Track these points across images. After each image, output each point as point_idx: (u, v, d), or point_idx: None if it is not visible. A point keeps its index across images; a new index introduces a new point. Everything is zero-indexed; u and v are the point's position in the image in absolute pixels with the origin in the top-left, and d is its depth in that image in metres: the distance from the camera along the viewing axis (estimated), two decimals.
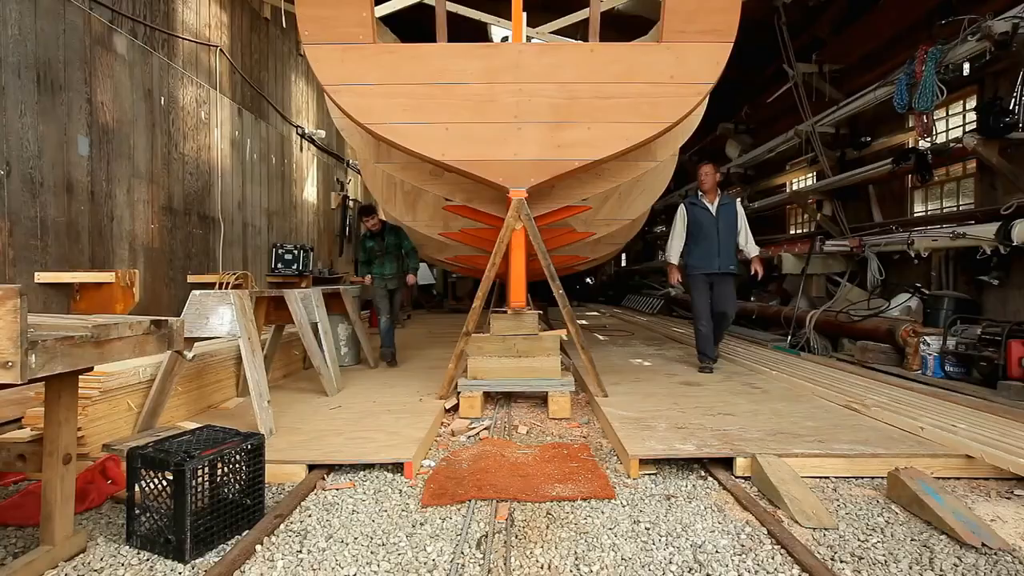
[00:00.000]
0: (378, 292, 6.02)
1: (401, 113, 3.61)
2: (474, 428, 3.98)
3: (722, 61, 3.55)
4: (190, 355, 2.39)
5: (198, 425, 3.27)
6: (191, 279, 5.73)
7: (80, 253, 4.35)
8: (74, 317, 2.17)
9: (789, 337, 7.09)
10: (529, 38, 5.71)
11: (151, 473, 2.18)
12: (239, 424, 3.75)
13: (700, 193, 5.23)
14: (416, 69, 3.57)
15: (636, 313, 14.28)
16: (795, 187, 9.65)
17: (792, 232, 9.83)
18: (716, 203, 5.17)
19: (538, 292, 8.21)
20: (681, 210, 5.29)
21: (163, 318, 2.24)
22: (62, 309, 4.15)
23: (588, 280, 22.00)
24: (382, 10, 4.20)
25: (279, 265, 7.58)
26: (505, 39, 5.05)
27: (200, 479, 2.17)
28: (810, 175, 9.00)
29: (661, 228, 17.45)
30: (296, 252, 7.63)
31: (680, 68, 3.55)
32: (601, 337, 8.77)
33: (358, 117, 3.67)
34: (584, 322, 11.37)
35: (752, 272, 5.28)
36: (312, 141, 9.10)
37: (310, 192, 9.27)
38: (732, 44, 3.53)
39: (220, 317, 3.53)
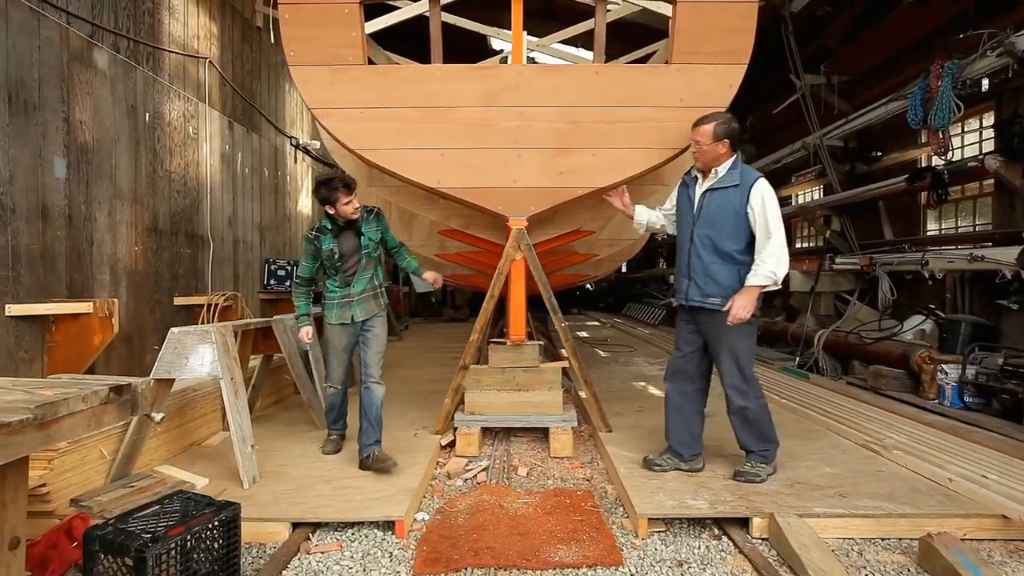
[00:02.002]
0: (337, 336, 3.57)
1: (393, 138, 3.40)
2: (471, 470, 3.76)
3: (735, 84, 3.35)
4: (158, 417, 2.18)
5: (169, 487, 3.06)
6: (178, 301, 5.52)
7: (56, 281, 4.13)
8: (19, 386, 1.94)
9: (797, 357, 6.88)
10: (531, 56, 5.51)
11: (110, 557, 1.96)
12: (222, 468, 3.53)
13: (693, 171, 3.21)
14: (409, 91, 3.35)
15: (637, 323, 14.07)
16: (801, 200, 9.44)
17: (798, 245, 9.62)
18: (708, 184, 3.07)
19: (536, 303, 7.98)
20: (677, 188, 3.34)
21: (126, 381, 2.02)
22: (36, 342, 3.93)
23: (588, 286, 21.78)
24: (373, 26, 3.98)
25: (272, 281, 7.37)
26: (505, 59, 4.81)
27: (165, 563, 1.95)
28: (817, 188, 8.79)
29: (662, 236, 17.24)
30: (289, 268, 7.41)
31: (690, 91, 3.34)
32: (602, 353, 8.56)
33: (347, 142, 3.45)
34: (584, 334, 11.17)
35: (726, 308, 2.98)
36: (307, 152, 8.89)
37: (305, 204, 9.05)
38: (746, 66, 3.32)
39: (200, 357, 3.31)
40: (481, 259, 4.77)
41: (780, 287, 3.19)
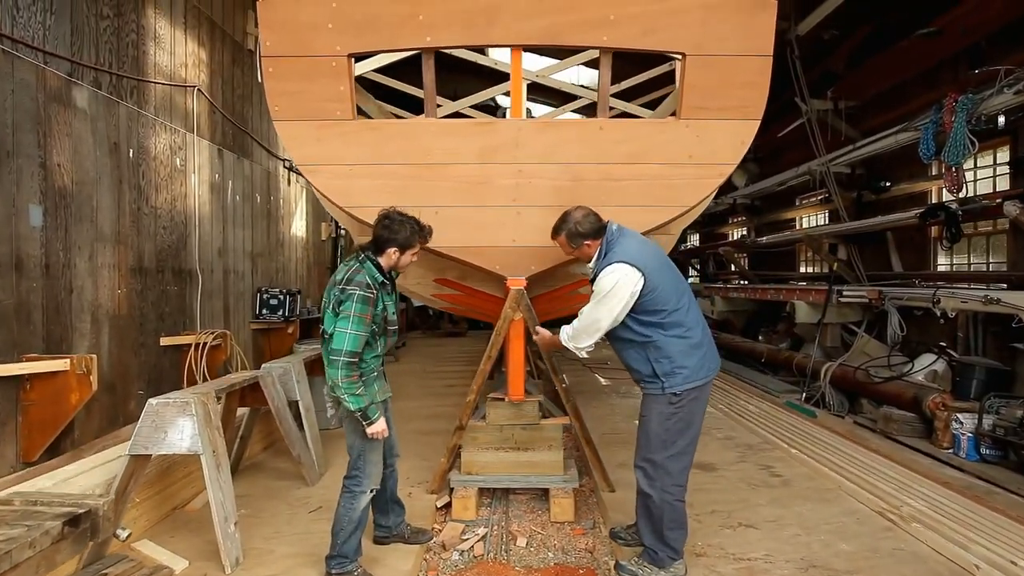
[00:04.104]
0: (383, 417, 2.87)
1: (385, 196, 3.19)
2: (467, 539, 3.56)
3: (747, 140, 3.17)
4: (124, 534, 1.99)
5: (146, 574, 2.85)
6: (164, 342, 5.31)
7: (32, 335, 3.92)
8: None
9: (803, 392, 6.70)
10: (533, 82, 5.31)
11: None
12: (204, 543, 3.31)
13: None
14: (401, 147, 3.16)
15: None
16: (806, 223, 9.26)
17: (803, 270, 9.44)
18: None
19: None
20: None
21: (84, 507, 1.83)
22: (9, 403, 3.73)
23: None
24: (363, 66, 3.79)
25: (264, 311, 7.17)
26: (503, 103, 4.60)
27: None
28: (822, 213, 8.62)
29: None
30: (282, 297, 7.21)
31: (700, 147, 3.15)
32: (602, 381, 8.36)
33: (336, 200, 3.27)
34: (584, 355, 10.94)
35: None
36: (300, 173, 8.67)
37: (298, 226, 8.85)
38: (759, 122, 3.14)
39: (180, 431, 3.11)
40: (478, 305, 4.59)
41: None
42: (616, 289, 2.75)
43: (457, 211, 3.24)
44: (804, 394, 6.67)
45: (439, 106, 7.50)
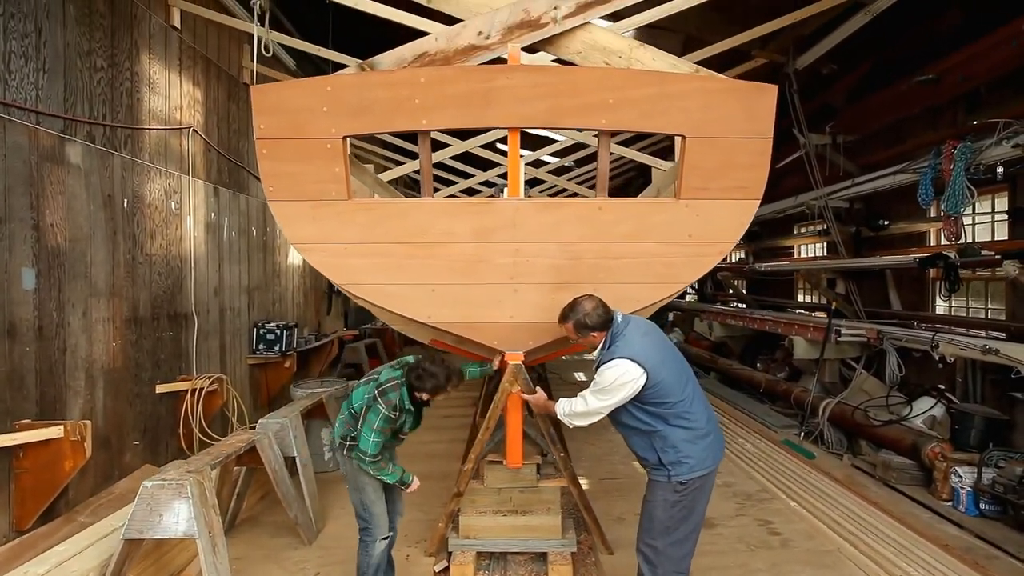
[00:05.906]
0: (378, 487, 3.35)
1: (380, 274, 3.18)
2: None
3: (747, 220, 3.15)
4: None
5: None
6: (160, 389, 5.27)
7: (25, 400, 3.88)
8: None
9: (802, 429, 6.70)
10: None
11: None
12: None
13: None
14: (397, 227, 3.13)
15: None
16: (804, 253, 9.27)
17: (800, 298, 9.43)
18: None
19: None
20: None
21: None
22: (2, 472, 3.69)
23: None
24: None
25: (261, 346, 7.13)
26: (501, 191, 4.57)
27: None
28: (820, 243, 8.61)
29: None
30: (279, 332, 7.17)
31: (700, 227, 3.12)
32: None
33: (332, 278, 3.25)
34: (581, 376, 10.95)
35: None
36: None
37: (295, 254, 8.80)
38: (759, 201, 3.11)
39: (175, 514, 3.09)
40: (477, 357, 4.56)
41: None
42: (615, 386, 2.79)
43: (454, 289, 3.22)
44: (802, 432, 6.66)
45: (448, 145, 7.50)
